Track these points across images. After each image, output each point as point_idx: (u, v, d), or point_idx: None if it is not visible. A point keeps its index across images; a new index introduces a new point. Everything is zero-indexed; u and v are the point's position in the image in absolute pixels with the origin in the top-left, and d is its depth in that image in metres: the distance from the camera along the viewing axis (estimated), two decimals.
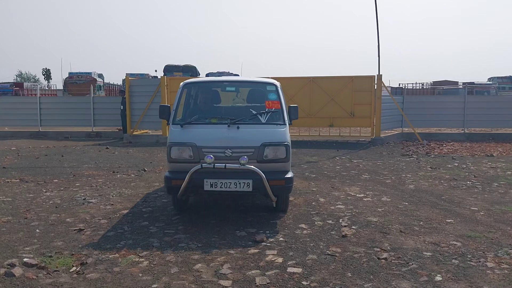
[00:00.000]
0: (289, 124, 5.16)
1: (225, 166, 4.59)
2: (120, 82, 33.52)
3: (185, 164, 4.79)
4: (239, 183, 4.65)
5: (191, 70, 25.84)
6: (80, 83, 28.09)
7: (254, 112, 5.21)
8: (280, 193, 5.01)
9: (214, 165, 4.56)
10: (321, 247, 4.26)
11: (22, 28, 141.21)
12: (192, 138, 4.87)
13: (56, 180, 7.61)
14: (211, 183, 4.67)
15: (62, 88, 31.02)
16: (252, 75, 5.73)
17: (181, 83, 5.62)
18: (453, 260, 3.90)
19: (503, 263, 3.83)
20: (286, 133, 4.99)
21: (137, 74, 28.26)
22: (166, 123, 5.20)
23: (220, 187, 4.66)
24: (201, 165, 4.58)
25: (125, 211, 5.57)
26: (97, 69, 48.64)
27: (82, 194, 6.51)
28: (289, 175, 4.88)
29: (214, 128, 5.03)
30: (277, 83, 5.60)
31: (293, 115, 5.26)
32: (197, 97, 5.90)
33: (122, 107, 14.66)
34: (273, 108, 5.15)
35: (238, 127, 4.93)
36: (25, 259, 3.89)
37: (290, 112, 5.25)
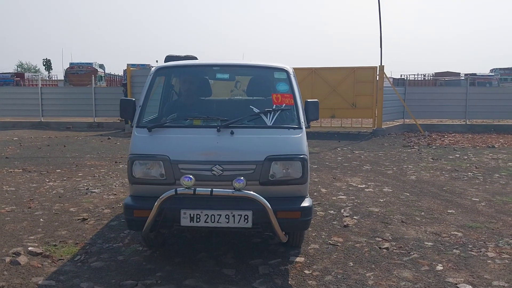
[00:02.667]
0: (306, 127, 3.72)
1: (212, 191, 3.14)
2: (121, 73, 33.42)
3: (153, 187, 3.40)
4: (233, 215, 3.22)
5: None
6: (81, 74, 28.00)
7: (255, 109, 3.73)
8: (293, 229, 3.63)
9: (195, 190, 3.13)
10: (323, 236, 4.29)
11: (22, 18, 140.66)
12: (164, 148, 3.44)
13: (58, 170, 7.64)
14: (192, 216, 3.23)
15: (63, 78, 30.96)
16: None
17: (153, 68, 4.17)
18: (454, 250, 3.93)
19: (503, 253, 3.87)
20: (302, 140, 3.53)
21: (138, 65, 28.14)
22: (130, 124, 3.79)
23: (205, 222, 3.23)
24: (175, 190, 3.12)
25: None
26: (98, 60, 48.47)
27: (85, 184, 6.54)
28: (307, 203, 3.41)
29: (197, 134, 3.59)
30: (290, 68, 4.08)
31: (312, 114, 3.86)
32: (176, 87, 4.60)
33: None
34: (284, 104, 3.74)
35: (232, 132, 3.48)
36: (30, 248, 3.92)
37: (308, 110, 3.84)
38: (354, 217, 4.91)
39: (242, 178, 3.16)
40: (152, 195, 3.27)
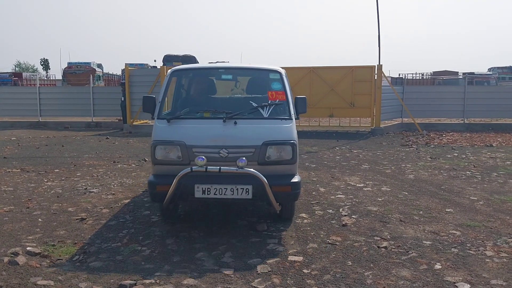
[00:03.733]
0: (296, 119, 4.53)
1: (220, 169, 3.91)
2: (119, 72, 33.33)
3: (172, 167, 4.16)
4: (237, 189, 3.99)
5: (191, 60, 25.57)
6: (79, 73, 27.90)
7: (254, 104, 4.56)
8: (285, 201, 4.38)
9: (206, 168, 3.89)
10: (321, 236, 4.30)
11: (21, 18, 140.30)
12: (181, 135, 4.22)
13: (57, 170, 7.63)
14: (203, 189, 4.02)
15: (61, 78, 30.89)
16: (252, 63, 5.39)
17: (169, 70, 5.01)
18: (453, 249, 3.94)
19: (502, 251, 3.87)
20: (292, 129, 4.33)
21: (136, 64, 28.08)
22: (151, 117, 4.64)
23: (214, 194, 4.02)
24: (191, 168, 3.89)
25: (127, 201, 5.60)
26: (96, 59, 48.34)
27: (83, 184, 6.53)
28: (296, 179, 4.20)
29: (206, 124, 4.41)
30: (282, 70, 4.94)
31: (301, 108, 4.63)
32: (188, 86, 5.36)
33: (122, 98, 14.68)
34: (277, 100, 4.54)
35: (235, 123, 4.28)
36: (28, 248, 3.92)
37: (297, 104, 4.63)
38: (353, 216, 4.91)
39: (244, 158, 3.96)
40: (171, 173, 4.03)
